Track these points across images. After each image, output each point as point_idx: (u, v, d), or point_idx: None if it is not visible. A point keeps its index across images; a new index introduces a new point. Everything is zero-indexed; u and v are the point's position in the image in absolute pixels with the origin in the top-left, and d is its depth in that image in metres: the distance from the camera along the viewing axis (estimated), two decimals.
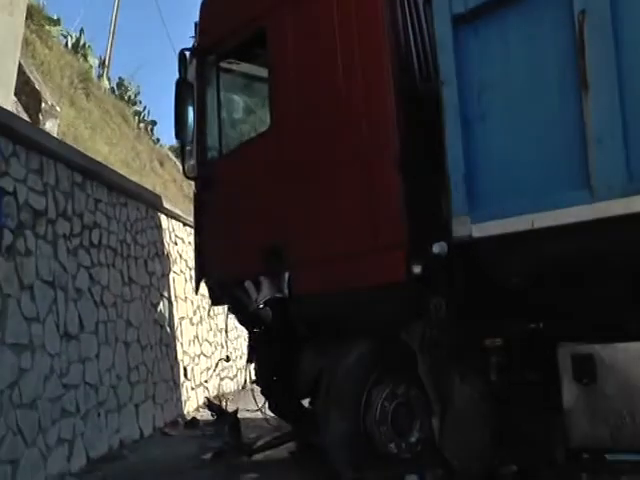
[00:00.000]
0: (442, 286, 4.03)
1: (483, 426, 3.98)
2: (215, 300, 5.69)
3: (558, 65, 3.24)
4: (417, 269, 4.03)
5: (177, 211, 7.40)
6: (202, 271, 5.51)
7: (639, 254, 3.28)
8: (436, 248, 3.92)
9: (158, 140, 13.07)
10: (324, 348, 4.80)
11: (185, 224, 7.72)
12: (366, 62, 4.08)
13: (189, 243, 7.82)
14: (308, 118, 4.45)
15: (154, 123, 13.21)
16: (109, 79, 12.29)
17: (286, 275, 4.68)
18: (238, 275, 5.12)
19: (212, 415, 6.08)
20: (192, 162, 5.26)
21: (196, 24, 5.24)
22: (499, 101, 3.49)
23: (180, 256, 7.66)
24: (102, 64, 12.55)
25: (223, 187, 5.11)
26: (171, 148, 12.66)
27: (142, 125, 12.09)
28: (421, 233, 4.09)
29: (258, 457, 5.57)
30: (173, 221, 7.39)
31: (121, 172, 6.41)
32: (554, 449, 3.62)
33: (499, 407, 3.94)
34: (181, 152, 5.27)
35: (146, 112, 13.14)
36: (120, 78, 13.14)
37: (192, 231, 8.15)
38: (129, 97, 12.64)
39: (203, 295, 7.18)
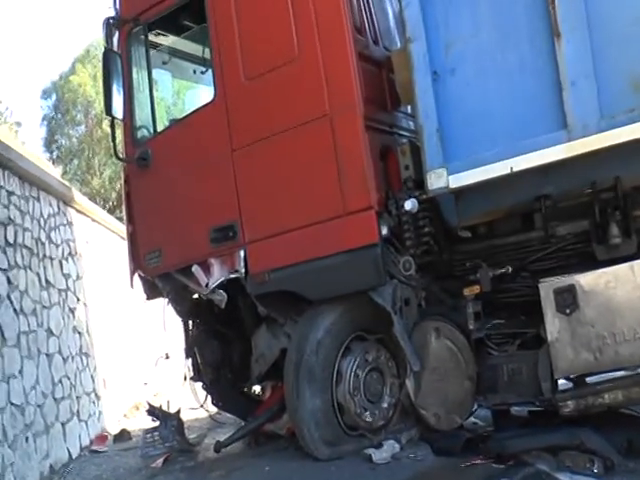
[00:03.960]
0: (410, 243, 4.10)
1: (462, 377, 4.10)
2: (150, 294, 5.27)
3: (527, 15, 3.42)
4: (384, 230, 4.07)
5: (89, 205, 6.73)
6: (136, 263, 5.08)
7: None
8: (408, 205, 3.97)
9: (24, 143, 11.93)
10: (283, 327, 4.67)
11: (94, 220, 7.08)
12: (324, 21, 4.00)
13: (101, 241, 7.20)
14: (259, 83, 4.27)
15: (19, 124, 12.10)
16: None
17: (241, 253, 4.47)
18: (182, 261, 4.80)
19: (153, 420, 5.64)
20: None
21: None
22: (469, 54, 3.61)
23: (93, 255, 7.03)
24: None
25: (161, 167, 4.73)
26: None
27: (5, 127, 10.94)
28: (387, 193, 4.13)
29: (210, 455, 5.26)
30: (82, 217, 6.73)
31: None
32: (540, 383, 3.81)
33: (478, 355, 4.10)
34: (111, 131, 4.81)
35: (9, 112, 12.02)
36: None
37: (102, 229, 7.60)
38: None
39: (126, 296, 6.65)
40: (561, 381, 3.87)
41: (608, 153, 3.40)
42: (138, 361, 8.27)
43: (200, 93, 5.30)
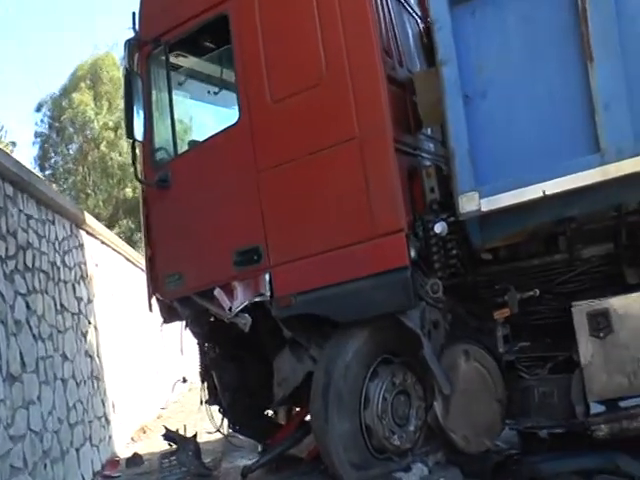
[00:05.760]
0: (438, 266, 4.08)
1: (491, 400, 4.08)
2: (168, 317, 5.19)
3: (558, 38, 3.45)
4: (413, 253, 4.04)
5: (98, 227, 6.65)
6: (155, 286, 5.00)
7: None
8: (438, 228, 3.96)
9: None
10: (308, 351, 4.60)
11: (103, 242, 7.00)
12: (353, 43, 3.97)
13: (110, 263, 7.13)
14: (286, 105, 4.23)
15: (14, 144, 12.03)
16: None
17: (267, 276, 4.42)
18: (203, 284, 4.72)
19: (169, 444, 5.54)
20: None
21: (134, 14, 4.77)
22: (499, 77, 3.63)
23: (103, 278, 6.95)
24: None
25: (181, 189, 4.66)
26: None
27: (1, 146, 10.88)
28: (414, 215, 4.11)
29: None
30: (92, 239, 6.66)
31: None
32: (573, 407, 3.79)
33: (507, 377, 4.07)
34: (132, 153, 4.75)
35: (4, 132, 11.93)
36: None
37: (109, 251, 7.51)
38: None
39: (136, 318, 6.54)
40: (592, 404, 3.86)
41: (634, 176, 3.41)
42: (147, 383, 8.16)
43: (221, 114, 5.27)
